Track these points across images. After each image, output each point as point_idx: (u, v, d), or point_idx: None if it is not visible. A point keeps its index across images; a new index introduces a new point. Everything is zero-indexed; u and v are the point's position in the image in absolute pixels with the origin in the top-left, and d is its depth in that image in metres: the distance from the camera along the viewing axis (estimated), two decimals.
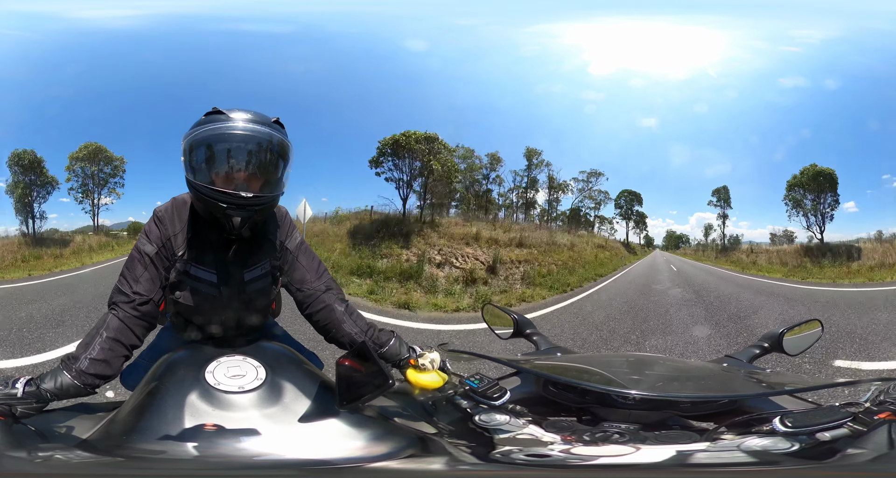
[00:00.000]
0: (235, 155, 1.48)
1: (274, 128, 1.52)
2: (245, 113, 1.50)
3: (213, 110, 1.51)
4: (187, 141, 1.50)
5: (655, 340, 6.46)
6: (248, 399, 1.30)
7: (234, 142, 1.48)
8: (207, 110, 1.53)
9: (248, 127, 1.48)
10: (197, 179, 1.48)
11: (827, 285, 11.79)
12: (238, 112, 1.50)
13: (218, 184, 1.47)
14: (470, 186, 14.19)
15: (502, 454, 1.20)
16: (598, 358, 2.18)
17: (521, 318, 2.01)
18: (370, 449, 1.26)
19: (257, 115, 1.52)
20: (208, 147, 1.48)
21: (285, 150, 1.53)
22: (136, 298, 1.49)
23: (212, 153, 1.48)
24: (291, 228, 1.71)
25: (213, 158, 1.48)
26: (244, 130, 1.47)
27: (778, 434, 1.12)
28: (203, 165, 1.48)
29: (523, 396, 1.43)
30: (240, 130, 1.47)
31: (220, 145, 1.48)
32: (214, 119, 1.49)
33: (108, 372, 1.41)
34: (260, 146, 1.50)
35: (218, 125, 1.47)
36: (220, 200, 1.45)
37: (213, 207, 1.47)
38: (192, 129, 1.50)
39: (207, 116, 1.50)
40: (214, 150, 1.48)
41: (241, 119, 1.48)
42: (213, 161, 1.48)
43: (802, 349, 1.82)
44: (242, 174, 1.48)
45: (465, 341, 6.05)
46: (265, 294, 1.68)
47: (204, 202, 1.49)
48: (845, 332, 6.26)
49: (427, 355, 1.50)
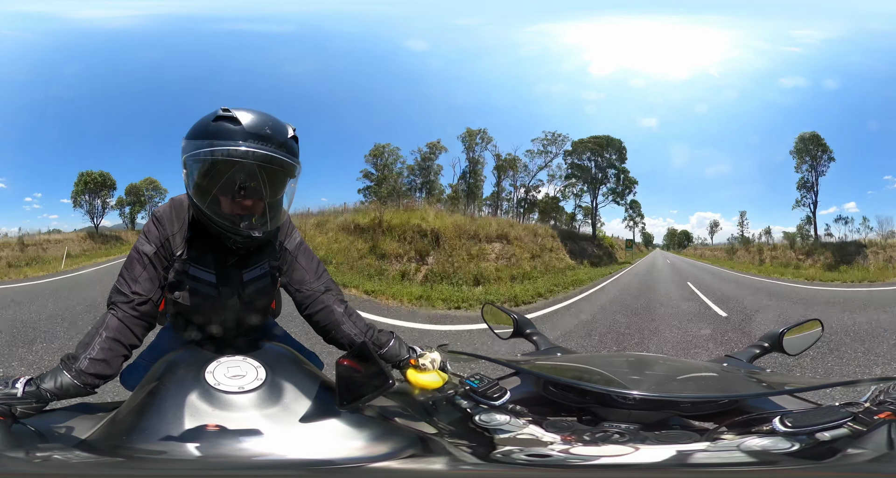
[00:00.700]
0: (245, 183, 1.37)
1: (290, 149, 1.40)
2: (259, 124, 1.35)
3: (223, 115, 1.37)
4: (192, 153, 1.39)
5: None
6: (248, 399, 1.30)
7: (246, 169, 1.35)
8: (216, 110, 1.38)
9: (261, 154, 1.34)
10: (199, 200, 1.42)
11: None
12: (251, 120, 1.35)
13: (223, 206, 1.42)
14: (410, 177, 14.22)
15: (502, 454, 1.20)
16: (598, 358, 2.18)
17: (520, 318, 2.01)
18: (370, 449, 1.26)
19: (273, 128, 1.37)
20: (215, 169, 1.37)
21: (297, 172, 1.44)
22: (135, 298, 1.49)
23: (219, 177, 1.37)
24: (291, 229, 1.71)
25: (221, 181, 1.37)
26: (257, 158, 1.34)
27: (778, 434, 1.12)
28: (207, 186, 1.40)
29: (523, 396, 1.43)
30: (253, 158, 1.34)
31: (228, 170, 1.36)
32: (225, 131, 1.34)
33: (108, 372, 1.41)
34: (273, 174, 1.39)
35: (229, 146, 1.33)
36: (224, 229, 1.44)
37: (215, 231, 1.47)
38: (198, 134, 1.39)
39: (216, 123, 1.36)
40: (222, 173, 1.37)
41: (255, 137, 1.33)
42: (218, 185, 1.38)
43: (802, 349, 1.82)
44: (250, 202, 1.42)
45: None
46: (264, 294, 1.68)
47: (205, 223, 1.48)
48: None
49: (427, 355, 1.50)
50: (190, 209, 1.57)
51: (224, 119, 1.37)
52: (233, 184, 1.38)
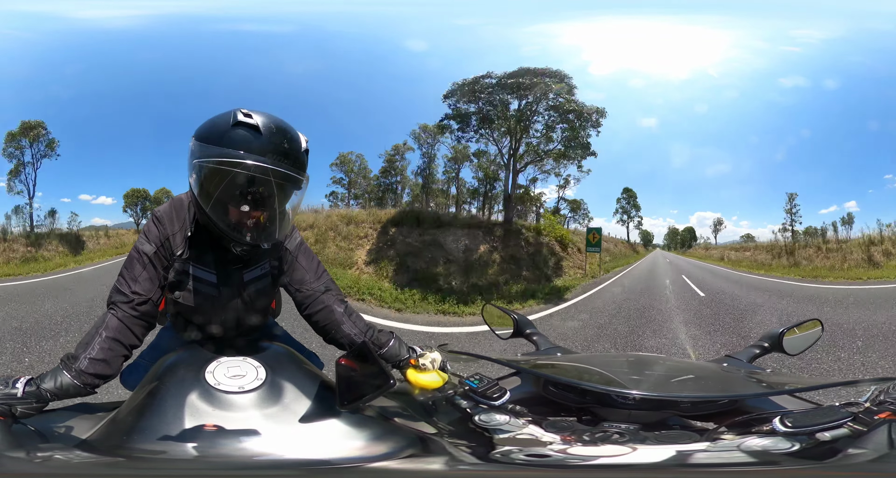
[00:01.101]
0: (257, 195, 1.38)
1: (303, 165, 1.41)
2: (279, 139, 1.35)
3: (242, 120, 1.34)
4: (205, 161, 1.37)
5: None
6: (248, 399, 1.30)
7: (260, 183, 1.36)
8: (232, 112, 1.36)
9: (281, 173, 1.35)
10: (206, 205, 1.42)
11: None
12: (270, 131, 1.35)
13: (231, 213, 1.42)
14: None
15: (502, 454, 1.20)
16: (598, 358, 2.18)
17: (521, 318, 2.01)
18: (370, 449, 1.26)
19: (290, 143, 1.37)
20: (229, 179, 1.36)
21: (305, 185, 1.45)
22: (135, 297, 1.49)
23: (231, 186, 1.37)
24: (292, 229, 1.71)
25: (232, 191, 1.38)
26: (275, 177, 1.35)
27: (778, 434, 1.12)
28: (218, 193, 1.39)
29: (523, 396, 1.43)
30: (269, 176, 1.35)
31: (243, 182, 1.36)
32: (242, 141, 1.34)
33: (108, 372, 1.41)
34: (285, 189, 1.41)
35: (247, 159, 1.33)
36: (231, 238, 1.45)
37: (219, 235, 1.47)
38: (213, 141, 1.37)
39: (234, 130, 1.34)
40: (235, 184, 1.37)
41: (274, 152, 1.34)
42: (229, 193, 1.38)
43: (802, 349, 1.82)
44: (259, 213, 1.43)
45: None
46: (265, 294, 1.68)
47: (209, 227, 1.48)
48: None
49: (427, 355, 1.50)
50: (191, 209, 1.57)
51: (242, 125, 1.35)
52: (243, 195, 1.39)
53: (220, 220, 1.43)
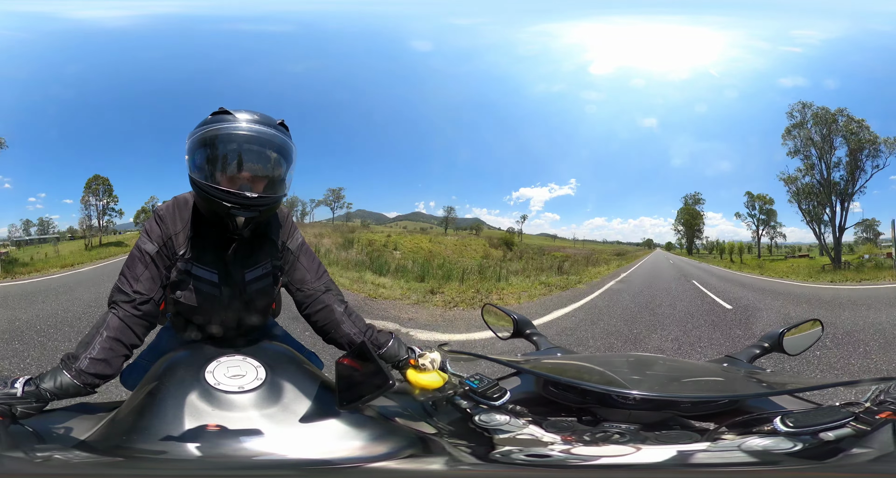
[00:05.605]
0: (240, 155, 1.49)
1: (279, 129, 1.53)
2: (251, 114, 1.51)
3: (219, 110, 1.52)
4: (192, 139, 1.50)
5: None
6: (248, 399, 1.30)
7: (240, 142, 1.48)
8: (213, 110, 1.53)
9: (253, 128, 1.48)
10: (201, 178, 1.48)
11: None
12: (244, 113, 1.51)
13: (222, 184, 1.47)
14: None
15: (502, 454, 1.20)
16: (598, 358, 2.18)
17: (521, 318, 2.01)
18: (370, 449, 1.26)
19: (263, 116, 1.53)
20: (213, 146, 1.48)
21: (289, 151, 1.54)
22: (137, 297, 1.49)
23: (217, 153, 1.48)
24: (293, 229, 1.71)
25: (218, 157, 1.48)
26: (249, 131, 1.48)
27: (779, 434, 1.11)
28: (208, 164, 1.48)
29: (523, 396, 1.43)
30: (245, 130, 1.48)
31: (225, 145, 1.48)
32: (220, 119, 1.49)
33: (108, 372, 1.41)
34: (265, 147, 1.50)
35: (224, 125, 1.48)
36: (224, 199, 1.45)
37: (217, 206, 1.47)
38: (198, 127, 1.50)
39: (214, 116, 1.51)
40: (220, 149, 1.48)
41: (247, 120, 1.49)
42: (217, 160, 1.48)
43: (802, 349, 1.81)
44: (247, 175, 1.48)
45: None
46: (266, 294, 1.68)
47: (207, 201, 1.49)
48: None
49: (427, 355, 1.49)
50: (193, 207, 1.57)
51: (220, 113, 1.51)
52: (229, 159, 1.48)
53: (213, 193, 1.46)
